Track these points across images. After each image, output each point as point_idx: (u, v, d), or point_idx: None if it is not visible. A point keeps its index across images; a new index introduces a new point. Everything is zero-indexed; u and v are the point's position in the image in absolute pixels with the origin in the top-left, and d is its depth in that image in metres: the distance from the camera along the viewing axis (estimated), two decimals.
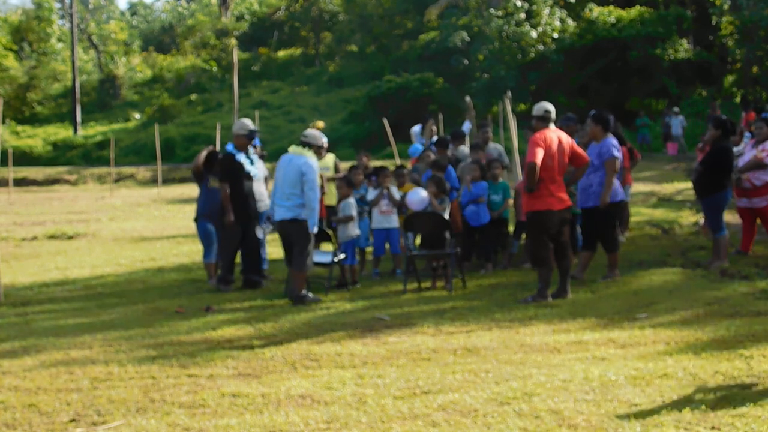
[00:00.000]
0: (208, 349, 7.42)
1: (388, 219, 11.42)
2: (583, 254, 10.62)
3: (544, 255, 9.30)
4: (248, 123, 11.31)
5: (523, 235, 12.34)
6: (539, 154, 9.07)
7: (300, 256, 9.86)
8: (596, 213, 10.23)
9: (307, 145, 10.18)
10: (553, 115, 9.43)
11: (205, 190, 11.64)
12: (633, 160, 13.48)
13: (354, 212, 10.98)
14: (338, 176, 12.31)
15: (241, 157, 11.01)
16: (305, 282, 9.94)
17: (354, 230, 10.93)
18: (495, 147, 13.46)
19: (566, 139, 9.42)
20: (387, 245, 11.62)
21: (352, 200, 11.05)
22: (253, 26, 59.27)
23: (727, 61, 38.98)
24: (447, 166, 11.72)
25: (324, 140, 10.57)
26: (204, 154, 11.72)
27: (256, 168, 11.32)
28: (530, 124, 9.63)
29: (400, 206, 11.41)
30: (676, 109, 33.10)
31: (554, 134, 9.29)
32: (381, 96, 39.54)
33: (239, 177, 10.93)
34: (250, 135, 11.17)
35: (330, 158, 13.23)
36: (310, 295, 9.90)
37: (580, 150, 9.56)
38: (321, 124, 13.29)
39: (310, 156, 10.05)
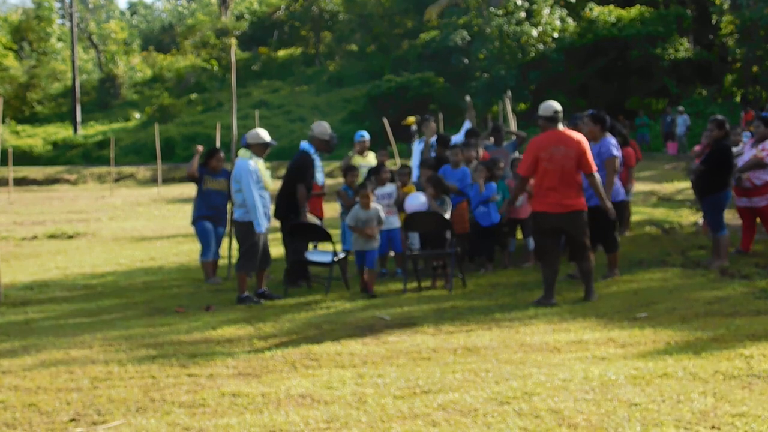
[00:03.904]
0: (208, 348, 7.42)
1: (389, 219, 11.40)
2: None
3: (542, 255, 9.25)
4: (328, 129, 11.31)
5: (518, 234, 12.35)
6: (526, 165, 9.16)
7: (242, 257, 10.07)
8: (596, 213, 10.20)
9: (247, 146, 10.20)
10: (561, 114, 9.16)
11: (200, 191, 11.64)
12: (637, 161, 13.55)
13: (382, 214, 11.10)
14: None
15: (318, 161, 11.06)
16: (245, 283, 10.04)
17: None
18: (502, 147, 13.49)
19: (578, 139, 9.07)
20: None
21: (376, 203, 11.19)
22: (253, 26, 59.31)
23: (727, 61, 38.99)
24: (442, 165, 11.71)
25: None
26: (196, 159, 11.71)
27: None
28: (537, 124, 9.45)
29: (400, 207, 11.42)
30: (680, 108, 33.09)
31: (557, 135, 9.08)
32: (381, 95, 39.58)
33: (306, 179, 10.97)
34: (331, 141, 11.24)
35: (372, 156, 13.21)
36: (254, 297, 10.02)
37: (588, 158, 9.09)
38: (412, 119, 13.11)
39: (248, 158, 10.07)
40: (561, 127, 9.18)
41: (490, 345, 7.08)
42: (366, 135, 13.23)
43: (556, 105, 9.18)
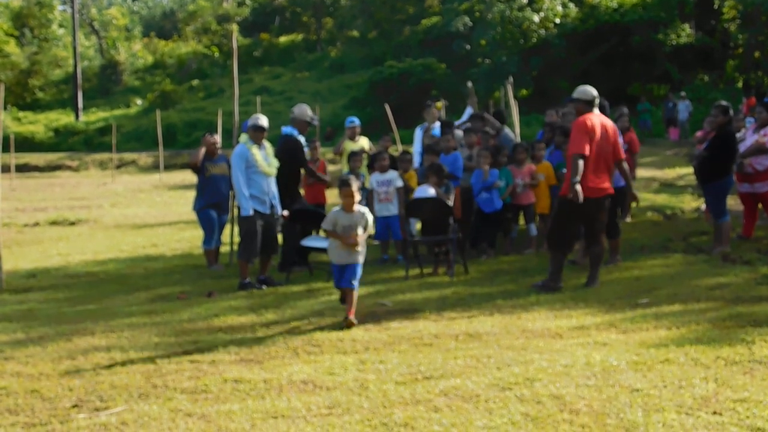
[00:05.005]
0: (210, 334, 7.43)
1: (387, 207, 11.41)
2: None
3: (560, 240, 9.17)
4: (309, 111, 11.31)
5: (521, 220, 12.33)
6: (585, 144, 8.88)
7: (241, 243, 10.09)
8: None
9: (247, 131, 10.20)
10: (598, 100, 9.16)
11: (203, 180, 11.61)
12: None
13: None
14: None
15: (302, 140, 11.07)
16: (246, 270, 10.03)
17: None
18: (506, 133, 13.49)
19: (611, 126, 9.19)
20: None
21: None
22: (255, 12, 59.19)
23: (729, 46, 38.89)
24: (441, 152, 11.71)
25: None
26: (202, 151, 11.66)
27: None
28: (568, 107, 9.34)
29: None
30: (682, 93, 33.01)
31: (598, 119, 9.07)
32: (383, 81, 39.48)
33: (301, 161, 10.95)
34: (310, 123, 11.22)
35: (364, 141, 13.24)
36: (256, 283, 10.05)
37: (619, 144, 9.25)
38: (440, 104, 13.27)
39: (243, 142, 10.06)
40: (597, 111, 9.18)
41: (491, 331, 7.08)
42: (356, 121, 13.33)
43: (594, 90, 9.15)
